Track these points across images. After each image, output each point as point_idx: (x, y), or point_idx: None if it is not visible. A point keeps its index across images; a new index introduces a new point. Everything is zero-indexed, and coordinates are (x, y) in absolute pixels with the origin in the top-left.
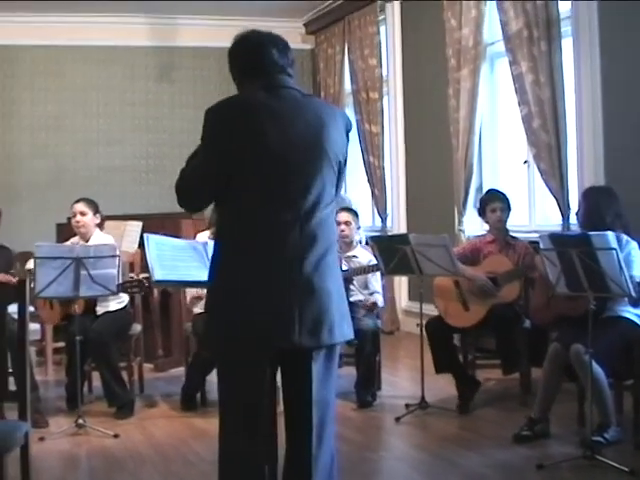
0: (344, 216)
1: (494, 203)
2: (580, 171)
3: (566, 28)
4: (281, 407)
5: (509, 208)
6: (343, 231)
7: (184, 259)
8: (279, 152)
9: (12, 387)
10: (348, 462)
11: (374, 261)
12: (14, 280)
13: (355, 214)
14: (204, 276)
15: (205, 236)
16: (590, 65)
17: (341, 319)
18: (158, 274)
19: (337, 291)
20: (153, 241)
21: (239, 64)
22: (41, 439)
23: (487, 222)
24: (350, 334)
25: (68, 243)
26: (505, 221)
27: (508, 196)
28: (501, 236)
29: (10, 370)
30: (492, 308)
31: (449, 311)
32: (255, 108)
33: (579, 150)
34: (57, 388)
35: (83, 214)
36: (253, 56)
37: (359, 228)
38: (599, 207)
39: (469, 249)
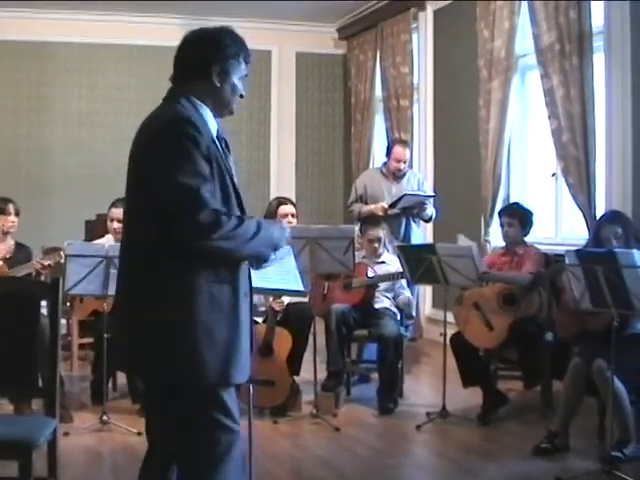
0: (374, 234)
1: (502, 218)
2: (608, 186)
3: (598, 43)
4: None
5: (523, 223)
6: (376, 249)
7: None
8: None
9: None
10: (369, 468)
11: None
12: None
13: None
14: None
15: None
16: (621, 81)
17: None
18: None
19: None
20: None
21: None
22: (66, 434)
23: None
24: None
25: (102, 241)
26: (514, 236)
27: (527, 211)
28: (512, 248)
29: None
30: (515, 322)
31: (475, 335)
32: None
33: (608, 165)
34: (81, 383)
35: (120, 221)
36: None
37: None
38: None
39: (487, 266)
